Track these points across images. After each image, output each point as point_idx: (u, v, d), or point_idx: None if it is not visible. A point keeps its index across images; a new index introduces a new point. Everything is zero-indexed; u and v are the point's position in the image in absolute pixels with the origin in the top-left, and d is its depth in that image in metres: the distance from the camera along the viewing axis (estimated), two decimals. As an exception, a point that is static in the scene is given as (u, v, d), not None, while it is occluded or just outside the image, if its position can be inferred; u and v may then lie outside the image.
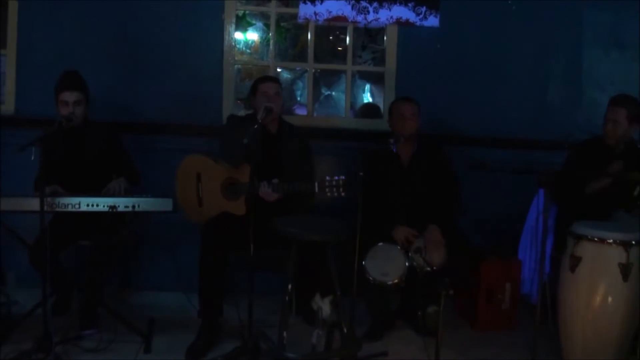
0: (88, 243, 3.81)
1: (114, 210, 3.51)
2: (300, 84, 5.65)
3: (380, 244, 3.81)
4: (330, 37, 5.35)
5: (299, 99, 5.61)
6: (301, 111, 5.28)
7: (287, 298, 3.00)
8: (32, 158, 3.23)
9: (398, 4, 4.43)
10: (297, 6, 4.47)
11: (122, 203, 3.54)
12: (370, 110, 5.69)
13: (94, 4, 4.34)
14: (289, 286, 2.98)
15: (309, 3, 4.42)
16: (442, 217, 3.91)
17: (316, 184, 3.55)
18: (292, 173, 3.87)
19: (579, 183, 3.82)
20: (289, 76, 5.60)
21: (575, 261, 3.31)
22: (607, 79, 4.55)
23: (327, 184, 3.49)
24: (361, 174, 3.30)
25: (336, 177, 3.48)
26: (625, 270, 3.18)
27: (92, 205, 3.50)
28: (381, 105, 5.52)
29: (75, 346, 3.54)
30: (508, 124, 4.57)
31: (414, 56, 4.56)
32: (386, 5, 4.43)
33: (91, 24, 4.36)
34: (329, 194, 3.52)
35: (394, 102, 4.14)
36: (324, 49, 5.32)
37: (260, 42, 5.32)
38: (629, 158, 3.83)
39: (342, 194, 3.49)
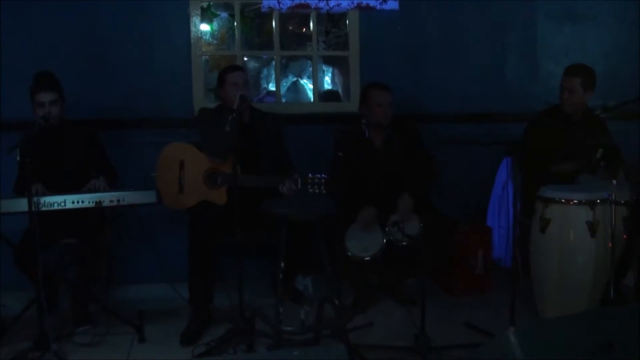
0: (72, 241, 3.84)
1: (100, 205, 3.54)
2: (265, 71, 5.74)
3: (359, 221, 3.96)
4: (293, 25, 5.43)
5: (267, 86, 5.69)
6: (269, 99, 5.38)
7: (280, 276, 3.11)
8: (17, 158, 3.25)
9: (358, -11, 4.57)
10: (260, -5, 4.56)
11: (107, 198, 3.55)
12: (330, 96, 5.81)
13: (61, 5, 4.34)
14: (282, 264, 3.10)
15: (272, -8, 4.51)
16: (415, 192, 4.03)
17: (299, 180, 3.64)
18: (269, 160, 3.99)
19: (543, 154, 3.96)
20: (255, 65, 5.68)
21: (545, 223, 3.53)
22: (561, 52, 4.79)
23: (309, 180, 3.59)
24: (341, 154, 3.46)
25: (318, 175, 3.58)
26: (592, 227, 3.41)
27: (78, 202, 3.51)
28: (341, 89, 5.66)
29: (70, 342, 3.60)
30: (470, 99, 4.78)
31: (376, 39, 4.69)
32: (347, -9, 4.56)
33: (59, 24, 4.36)
34: (310, 190, 3.63)
35: (370, 89, 4.12)
36: (289, 36, 5.41)
37: (226, 32, 5.38)
38: (588, 125, 4.04)
39: (324, 191, 3.60)
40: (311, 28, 4.80)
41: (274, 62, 4.95)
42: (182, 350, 3.54)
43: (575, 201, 3.47)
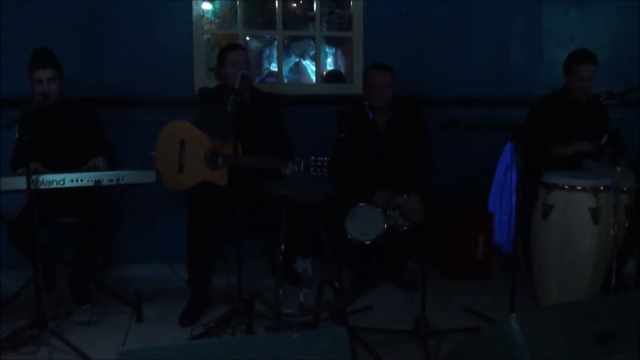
0: (71, 220, 3.80)
1: (99, 184, 3.50)
2: (267, 51, 5.69)
3: (361, 204, 3.93)
4: (296, 5, 5.37)
5: (269, 67, 5.65)
6: (271, 79, 5.33)
7: (280, 258, 3.09)
8: (16, 135, 3.21)
9: (363, -31, 4.50)
10: (263, -26, 4.50)
11: (106, 177, 3.52)
12: (334, 76, 5.76)
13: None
14: (282, 246, 3.07)
15: (275, -30, 4.45)
16: (417, 178, 4.01)
17: (302, 163, 3.61)
18: (269, 141, 3.95)
19: (548, 140, 3.94)
20: (257, 44, 5.62)
21: (548, 209, 3.50)
22: (566, 37, 4.74)
23: (312, 163, 3.56)
24: (343, 136, 3.41)
25: (320, 158, 3.55)
26: (595, 214, 3.38)
27: (77, 181, 3.47)
28: (344, 70, 5.60)
29: (68, 321, 3.59)
30: (473, 83, 4.73)
31: (380, 20, 4.63)
32: (351, -29, 4.49)
33: (58, 0, 4.28)
34: (312, 173, 3.60)
35: (368, 70, 4.10)
36: (292, 16, 5.36)
37: (229, 11, 5.31)
38: (592, 111, 4.01)
39: (326, 174, 3.58)
40: (314, 8, 4.74)
41: (276, 42, 4.89)
42: (181, 330, 3.53)
43: (578, 187, 3.44)
